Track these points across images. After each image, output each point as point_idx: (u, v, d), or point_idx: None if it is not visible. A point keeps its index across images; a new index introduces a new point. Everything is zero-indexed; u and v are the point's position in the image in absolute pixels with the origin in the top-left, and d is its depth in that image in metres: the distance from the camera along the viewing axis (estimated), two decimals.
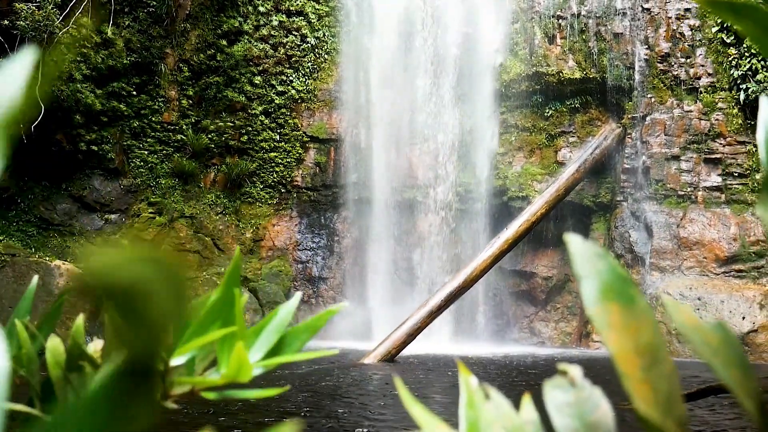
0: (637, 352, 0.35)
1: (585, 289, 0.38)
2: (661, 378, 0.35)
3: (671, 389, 0.35)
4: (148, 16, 14.18)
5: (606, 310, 0.37)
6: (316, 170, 15.13)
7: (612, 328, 0.37)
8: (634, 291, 0.39)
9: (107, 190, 14.10)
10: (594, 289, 0.38)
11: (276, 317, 0.64)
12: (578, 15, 13.94)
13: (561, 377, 0.41)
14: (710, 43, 13.21)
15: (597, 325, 0.37)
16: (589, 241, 0.39)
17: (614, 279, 0.38)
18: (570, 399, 0.40)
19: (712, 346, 0.38)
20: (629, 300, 0.38)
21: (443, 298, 11.14)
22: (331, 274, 15.04)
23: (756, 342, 11.35)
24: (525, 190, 14.02)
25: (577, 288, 0.43)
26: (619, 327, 0.37)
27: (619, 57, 13.69)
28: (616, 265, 0.39)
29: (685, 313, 0.40)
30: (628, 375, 0.35)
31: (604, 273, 0.38)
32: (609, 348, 0.37)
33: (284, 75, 15.05)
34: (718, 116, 13.04)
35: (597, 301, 0.38)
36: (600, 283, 0.38)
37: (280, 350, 0.62)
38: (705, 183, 13.04)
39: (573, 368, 0.41)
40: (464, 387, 0.44)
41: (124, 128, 14.31)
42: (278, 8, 15.12)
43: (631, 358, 0.35)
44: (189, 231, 14.40)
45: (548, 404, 0.40)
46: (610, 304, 0.38)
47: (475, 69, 14.23)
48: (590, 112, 14.19)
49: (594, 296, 0.38)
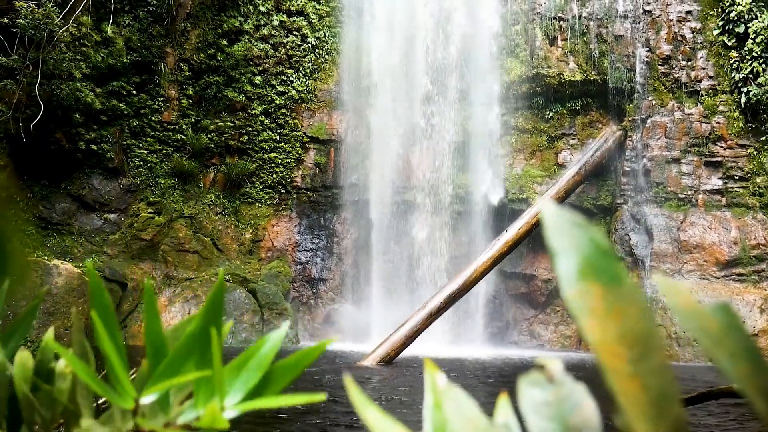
0: (624, 342, 0.30)
1: (561, 267, 0.32)
2: (652, 372, 0.29)
3: (665, 385, 0.30)
4: (149, 15, 14.14)
5: (586, 291, 0.32)
6: (315, 171, 15.07)
7: (593, 313, 0.31)
8: (620, 268, 0.33)
9: (106, 190, 14.05)
10: (571, 266, 0.32)
11: (258, 353, 0.58)
12: (579, 17, 13.89)
13: (538, 373, 0.36)
14: (711, 45, 13.16)
15: (574, 310, 0.31)
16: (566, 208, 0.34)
17: (596, 254, 0.33)
18: (548, 398, 0.34)
19: (712, 334, 0.32)
20: (614, 279, 0.32)
21: (442, 300, 11.09)
22: (330, 275, 14.98)
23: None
24: (525, 192, 13.97)
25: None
26: (602, 312, 0.31)
27: (620, 59, 13.64)
28: (599, 238, 0.33)
29: (681, 295, 0.34)
30: (612, 369, 0.29)
31: (583, 247, 0.32)
32: (589, 337, 0.31)
33: (284, 75, 15.00)
34: (719, 119, 12.99)
35: (575, 280, 0.32)
36: (579, 260, 0.32)
37: (264, 389, 0.56)
38: (705, 186, 12.98)
39: (552, 362, 0.36)
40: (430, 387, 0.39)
41: (124, 127, 14.26)
42: (279, 8, 15.07)
43: (615, 349, 0.30)
44: (188, 231, 14.35)
45: (523, 404, 0.35)
46: (590, 285, 0.32)
47: (475, 70, 14.18)
48: (591, 115, 14.13)
49: (571, 275, 0.32)
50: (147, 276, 13.52)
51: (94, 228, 13.85)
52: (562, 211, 0.34)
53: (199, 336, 0.55)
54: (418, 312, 10.98)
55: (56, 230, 13.57)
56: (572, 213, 0.34)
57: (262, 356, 0.57)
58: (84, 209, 13.92)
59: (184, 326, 0.66)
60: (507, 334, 14.49)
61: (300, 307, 14.74)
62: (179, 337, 0.59)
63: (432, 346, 12.11)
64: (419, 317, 10.81)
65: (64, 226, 13.64)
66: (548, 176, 13.98)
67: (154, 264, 13.85)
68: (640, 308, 0.31)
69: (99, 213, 13.98)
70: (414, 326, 10.67)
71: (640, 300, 0.31)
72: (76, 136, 13.41)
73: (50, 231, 13.53)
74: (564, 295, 0.33)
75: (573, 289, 0.32)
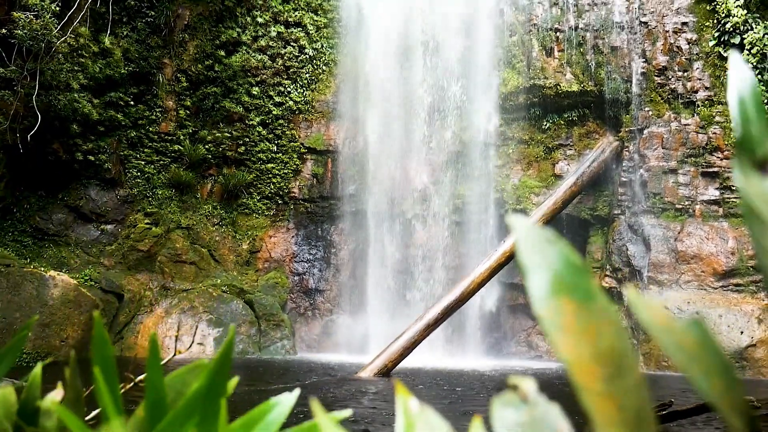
0: (597, 360, 0.28)
1: (532, 283, 0.31)
2: (627, 392, 0.28)
3: (640, 405, 0.29)
4: (147, 26, 14.18)
5: (558, 308, 0.31)
6: (313, 182, 15.07)
7: (565, 330, 0.30)
8: (592, 285, 0.32)
9: (103, 200, 14.03)
10: (543, 282, 0.31)
11: (265, 418, 0.54)
12: (576, 28, 13.96)
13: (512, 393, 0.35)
14: (707, 56, 13.22)
15: (546, 327, 0.30)
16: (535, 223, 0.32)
17: (568, 270, 0.31)
18: (522, 418, 0.33)
19: (687, 351, 0.30)
20: (586, 296, 0.31)
21: (440, 312, 11.05)
22: (327, 286, 14.94)
23: (755, 357, 11.26)
24: (522, 203, 13.97)
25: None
26: (575, 329, 0.30)
27: (617, 70, 13.70)
28: (570, 253, 0.32)
29: (653, 310, 0.32)
30: (585, 388, 0.28)
31: (555, 263, 0.31)
32: (562, 355, 0.30)
33: (282, 86, 15.03)
34: (716, 130, 13.02)
35: (547, 297, 0.31)
36: (550, 276, 0.31)
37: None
38: (702, 196, 12.99)
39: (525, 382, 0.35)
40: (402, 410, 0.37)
41: (121, 138, 14.26)
42: (277, 19, 15.13)
43: (589, 367, 0.28)
44: (185, 242, 14.32)
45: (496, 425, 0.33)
46: (562, 301, 0.31)
47: (472, 81, 14.22)
48: (588, 125, 14.17)
49: (543, 291, 0.31)
50: (143, 287, 13.47)
51: (90, 239, 13.81)
52: (534, 227, 0.32)
53: (204, 395, 0.51)
54: (415, 323, 10.94)
55: (53, 241, 13.53)
56: (543, 229, 0.33)
57: (269, 422, 0.54)
58: (81, 220, 13.89)
59: (185, 375, 0.61)
60: (505, 345, 14.44)
61: (297, 318, 14.69)
62: (178, 387, 0.56)
63: (429, 357, 12.07)
64: (417, 328, 10.77)
65: (61, 237, 13.61)
66: (545, 187, 13.99)
67: (151, 275, 13.81)
68: (614, 326, 0.30)
69: (96, 224, 13.95)
70: (411, 337, 10.63)
71: (613, 317, 0.30)
72: (74, 147, 13.40)
73: (47, 242, 13.49)
74: (536, 313, 0.31)
75: (545, 306, 0.31)
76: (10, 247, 12.80)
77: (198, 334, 12.59)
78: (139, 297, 13.28)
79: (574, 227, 14.19)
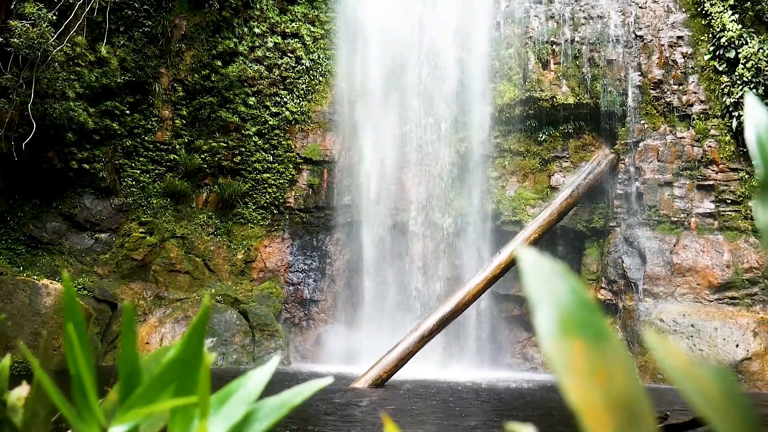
0: (609, 407, 0.26)
1: (540, 320, 0.30)
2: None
3: None
4: (143, 35, 14.19)
5: (567, 347, 0.29)
6: (309, 192, 15.05)
7: (575, 372, 0.28)
8: (604, 324, 0.30)
9: (98, 209, 13.97)
10: (551, 319, 0.30)
11: (245, 386, 0.52)
12: (572, 41, 14.02)
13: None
14: (703, 70, 13.29)
15: (555, 368, 0.29)
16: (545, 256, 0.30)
17: (578, 307, 0.29)
18: None
19: (711, 400, 0.29)
20: (597, 335, 0.29)
21: (435, 323, 11.02)
22: (322, 296, 14.89)
23: (750, 370, 11.24)
24: (518, 215, 13.97)
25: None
26: (585, 371, 0.28)
27: (613, 83, 13.75)
28: (580, 288, 0.29)
29: (675, 354, 0.30)
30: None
31: (564, 299, 0.29)
32: (571, 398, 0.27)
33: (278, 96, 15.04)
34: (711, 143, 13.07)
35: (555, 335, 0.29)
36: (559, 312, 0.29)
37: (246, 427, 0.50)
38: (698, 209, 13.02)
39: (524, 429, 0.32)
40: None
41: (117, 147, 14.23)
42: (274, 30, 15.16)
43: (600, 414, 0.26)
44: (180, 251, 14.26)
45: None
46: (572, 341, 0.29)
47: (468, 93, 14.26)
48: (583, 138, 14.20)
49: (551, 329, 0.29)
50: (137, 296, 13.40)
51: (84, 247, 13.75)
52: (542, 259, 0.30)
53: (180, 363, 0.50)
54: (410, 334, 10.90)
55: (46, 249, 13.46)
56: (552, 261, 0.31)
57: (248, 391, 0.52)
58: (75, 229, 13.83)
59: (161, 354, 0.59)
60: (500, 357, 14.39)
61: (292, 329, 14.62)
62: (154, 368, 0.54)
63: (424, 369, 12.01)
64: (412, 339, 10.73)
65: (55, 245, 13.54)
66: (541, 198, 14.00)
67: (145, 284, 13.74)
68: (627, 369, 0.28)
69: (90, 232, 13.88)
70: (406, 348, 10.59)
71: (626, 360, 0.28)
72: (69, 156, 13.36)
73: (40, 250, 13.42)
74: (543, 351, 0.29)
75: (553, 344, 0.29)
76: (3, 255, 12.72)
77: None
78: (132, 306, 13.19)
79: (569, 239, 14.19)
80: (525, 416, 7.39)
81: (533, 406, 8.37)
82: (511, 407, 8.18)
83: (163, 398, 0.49)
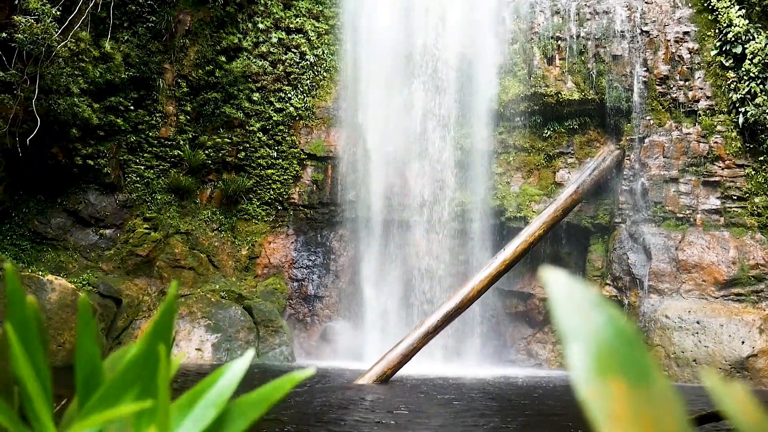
0: None
1: (574, 357, 0.26)
2: None
3: None
4: (147, 31, 14.17)
5: (605, 389, 0.25)
6: (313, 188, 15.03)
7: (615, 418, 0.24)
8: (648, 361, 0.27)
9: (102, 205, 13.98)
10: (587, 356, 0.26)
11: (215, 385, 0.48)
12: (577, 36, 13.95)
13: None
14: (709, 66, 13.20)
15: (593, 412, 0.25)
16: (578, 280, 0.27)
17: (618, 341, 0.26)
18: None
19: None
20: (641, 375, 0.25)
21: (439, 319, 10.99)
22: (327, 292, 14.88)
23: (756, 367, 11.20)
24: (523, 211, 13.93)
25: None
26: (627, 418, 0.24)
27: (618, 79, 13.68)
28: (620, 320, 0.25)
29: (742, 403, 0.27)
30: None
31: (602, 333, 0.26)
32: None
33: (283, 92, 15.01)
34: (717, 139, 12.99)
35: (592, 375, 0.26)
36: (596, 348, 0.26)
37: (221, 428, 0.46)
38: (704, 206, 12.95)
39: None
40: None
41: (121, 143, 14.23)
42: (278, 25, 15.12)
43: None
44: (184, 247, 14.26)
45: None
46: (612, 382, 0.25)
47: (473, 89, 14.20)
48: (589, 134, 14.14)
49: (587, 368, 0.26)
50: (141, 292, 13.41)
51: (89, 243, 13.76)
52: (574, 285, 0.27)
53: (144, 362, 0.45)
54: (415, 330, 10.89)
55: (51, 245, 13.48)
56: (586, 289, 0.27)
57: (219, 390, 0.48)
58: (79, 224, 13.84)
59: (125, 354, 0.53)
60: (504, 353, 14.37)
61: (296, 325, 14.63)
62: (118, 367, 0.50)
63: (429, 365, 12.00)
64: (416, 335, 10.72)
65: (59, 241, 13.55)
66: (546, 195, 13.95)
67: (150, 280, 13.75)
68: (676, 415, 0.25)
69: (95, 228, 13.90)
70: (411, 344, 10.57)
71: (675, 403, 0.26)
72: (73, 151, 13.37)
73: (45, 246, 13.43)
74: (579, 393, 0.26)
75: (590, 385, 0.26)
76: (8, 251, 12.75)
77: (196, 339, 12.53)
78: (137, 302, 13.22)
79: (574, 235, 14.14)
80: (532, 414, 7.38)
81: (540, 404, 8.34)
82: (518, 404, 8.17)
83: (126, 401, 0.45)
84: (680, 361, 11.58)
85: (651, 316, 12.32)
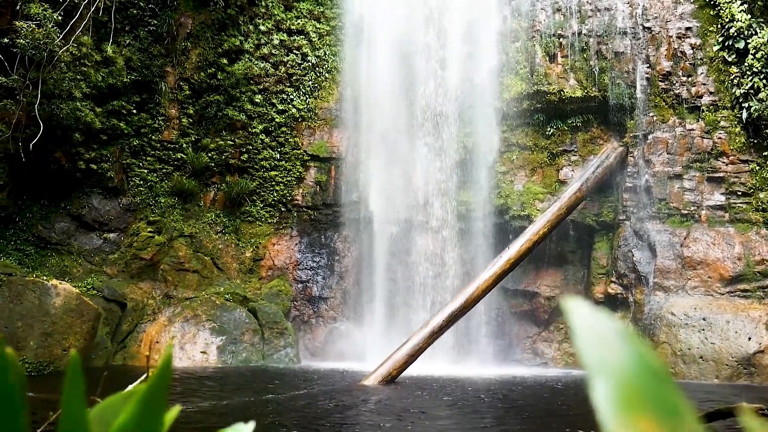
0: None
1: (598, 393, 0.25)
2: None
3: None
4: (149, 34, 14.17)
5: (632, 427, 0.24)
6: (316, 189, 15.02)
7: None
8: (677, 396, 0.26)
9: (106, 209, 13.99)
10: (612, 392, 0.24)
11: None
12: (579, 34, 13.91)
13: None
14: (711, 61, 13.16)
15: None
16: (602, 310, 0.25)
17: (646, 377, 0.24)
18: None
19: None
20: (670, 413, 0.24)
21: (444, 319, 10.97)
22: (331, 293, 14.87)
23: (763, 363, 11.15)
24: (527, 209, 13.90)
25: None
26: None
27: (621, 75, 13.64)
28: (648, 353, 0.26)
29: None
30: None
31: (628, 366, 0.24)
32: None
33: (285, 94, 15.01)
34: (721, 135, 12.95)
35: (618, 411, 0.24)
36: (622, 383, 0.24)
37: None
38: (708, 202, 12.91)
39: None
40: None
41: (124, 147, 14.23)
42: (279, 27, 15.12)
43: None
44: (188, 250, 14.27)
45: None
46: (638, 418, 0.24)
47: (475, 87, 14.18)
48: (592, 131, 14.10)
49: (613, 404, 0.24)
50: (146, 296, 13.41)
51: (93, 247, 13.77)
52: (598, 315, 0.24)
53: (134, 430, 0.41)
54: (420, 330, 10.86)
55: (55, 250, 13.49)
56: (610, 319, 0.25)
57: None
58: (83, 229, 13.85)
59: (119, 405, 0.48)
60: (510, 352, 14.34)
61: (301, 326, 14.62)
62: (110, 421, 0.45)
63: (434, 365, 11.98)
64: (421, 336, 10.69)
65: (63, 245, 13.56)
66: (550, 193, 13.92)
67: (154, 283, 13.76)
68: None
69: (98, 232, 13.90)
70: (416, 345, 10.55)
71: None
72: (76, 156, 13.38)
73: (49, 251, 13.44)
74: (604, 430, 0.25)
75: (615, 422, 0.24)
76: (12, 256, 12.76)
77: (201, 342, 12.52)
78: (142, 306, 13.22)
79: (579, 233, 14.10)
80: (541, 415, 7.35)
81: (548, 404, 8.31)
82: (526, 405, 8.14)
83: None
84: (686, 359, 11.53)
85: (657, 314, 12.27)
